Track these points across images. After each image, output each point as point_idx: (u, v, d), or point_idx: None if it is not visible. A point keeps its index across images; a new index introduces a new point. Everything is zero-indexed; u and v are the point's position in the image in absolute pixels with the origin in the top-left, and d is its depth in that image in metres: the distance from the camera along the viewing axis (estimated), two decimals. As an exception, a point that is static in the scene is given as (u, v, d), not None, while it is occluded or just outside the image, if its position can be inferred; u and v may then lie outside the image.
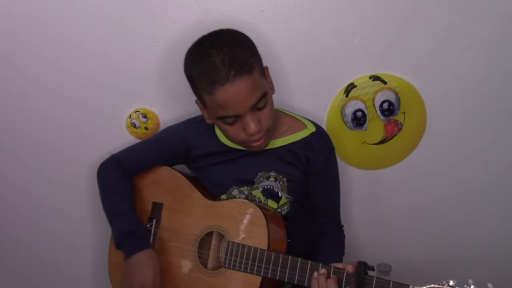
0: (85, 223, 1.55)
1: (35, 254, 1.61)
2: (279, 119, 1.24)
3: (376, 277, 0.96)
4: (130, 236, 1.19)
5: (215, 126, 1.21)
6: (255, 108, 1.07)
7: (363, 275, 0.95)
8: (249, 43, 1.11)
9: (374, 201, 1.50)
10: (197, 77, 1.07)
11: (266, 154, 1.21)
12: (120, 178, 1.27)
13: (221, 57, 1.02)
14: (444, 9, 1.28)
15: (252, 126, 1.07)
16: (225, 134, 1.16)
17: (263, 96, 1.07)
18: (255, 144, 1.13)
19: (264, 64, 1.13)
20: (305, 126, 1.24)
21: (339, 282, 0.99)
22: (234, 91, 1.02)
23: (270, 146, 1.21)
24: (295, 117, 1.27)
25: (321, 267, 1.03)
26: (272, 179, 1.21)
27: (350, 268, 1.00)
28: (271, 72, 1.16)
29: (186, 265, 1.19)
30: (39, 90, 1.42)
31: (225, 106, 1.05)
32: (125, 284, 1.17)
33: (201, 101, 1.12)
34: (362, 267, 0.95)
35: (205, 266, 1.18)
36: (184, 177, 1.26)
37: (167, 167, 1.29)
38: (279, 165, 1.21)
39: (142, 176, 1.30)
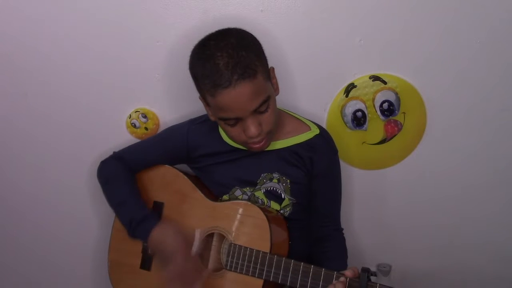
0: (85, 223, 1.55)
1: (35, 254, 1.61)
2: (283, 120, 1.24)
3: (379, 284, 0.96)
4: (137, 223, 1.17)
5: (219, 126, 1.21)
6: (257, 111, 1.07)
7: (366, 281, 0.95)
8: (256, 45, 1.09)
9: (374, 201, 1.50)
10: (201, 77, 1.06)
11: (269, 155, 1.21)
12: (122, 171, 1.26)
13: (225, 60, 1.01)
14: (444, 9, 1.28)
15: (253, 129, 1.07)
16: (226, 134, 1.16)
17: (266, 100, 1.06)
18: (255, 145, 1.13)
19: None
20: (309, 128, 1.24)
21: None
22: (236, 95, 1.01)
23: (273, 147, 1.21)
24: (299, 119, 1.27)
25: (323, 272, 1.02)
26: (275, 180, 1.21)
27: (349, 273, 0.99)
28: (272, 72, 1.16)
29: (187, 265, 1.19)
30: (39, 90, 1.41)
31: (227, 109, 1.05)
32: (164, 266, 1.14)
33: (204, 100, 1.12)
34: (366, 274, 0.95)
35: (206, 266, 1.18)
36: (186, 177, 1.26)
37: (169, 166, 1.29)
38: (283, 167, 1.22)
39: (144, 175, 1.29)
